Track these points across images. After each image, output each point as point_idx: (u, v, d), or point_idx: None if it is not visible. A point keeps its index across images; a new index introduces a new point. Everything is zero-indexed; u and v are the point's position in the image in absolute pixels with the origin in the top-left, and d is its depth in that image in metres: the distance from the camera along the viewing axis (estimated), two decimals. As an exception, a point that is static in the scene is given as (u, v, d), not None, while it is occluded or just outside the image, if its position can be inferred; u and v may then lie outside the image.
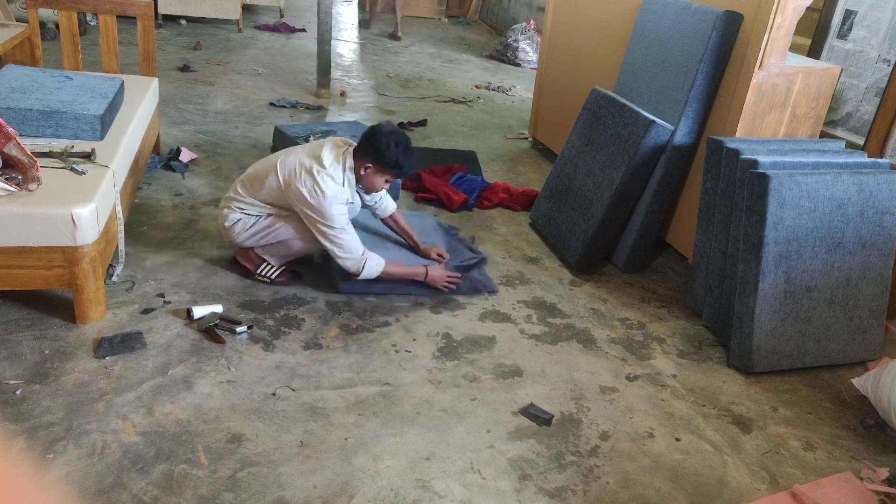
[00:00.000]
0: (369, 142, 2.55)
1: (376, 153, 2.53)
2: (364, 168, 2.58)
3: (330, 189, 2.50)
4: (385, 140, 2.52)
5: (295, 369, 2.30)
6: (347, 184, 2.59)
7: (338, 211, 2.52)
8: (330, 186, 2.50)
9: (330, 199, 2.50)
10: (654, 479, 2.04)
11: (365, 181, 2.62)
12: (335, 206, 2.51)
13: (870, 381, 2.41)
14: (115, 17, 3.63)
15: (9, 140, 2.29)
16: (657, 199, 3.11)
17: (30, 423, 1.94)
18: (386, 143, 2.51)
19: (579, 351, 2.61)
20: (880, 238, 2.63)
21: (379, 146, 2.52)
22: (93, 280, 2.33)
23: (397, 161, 2.54)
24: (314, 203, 2.50)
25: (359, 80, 6.25)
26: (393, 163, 2.54)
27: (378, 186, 2.64)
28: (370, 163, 2.56)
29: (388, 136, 2.53)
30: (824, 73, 2.99)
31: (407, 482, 1.90)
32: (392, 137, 2.53)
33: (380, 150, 2.52)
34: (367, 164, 2.57)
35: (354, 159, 2.59)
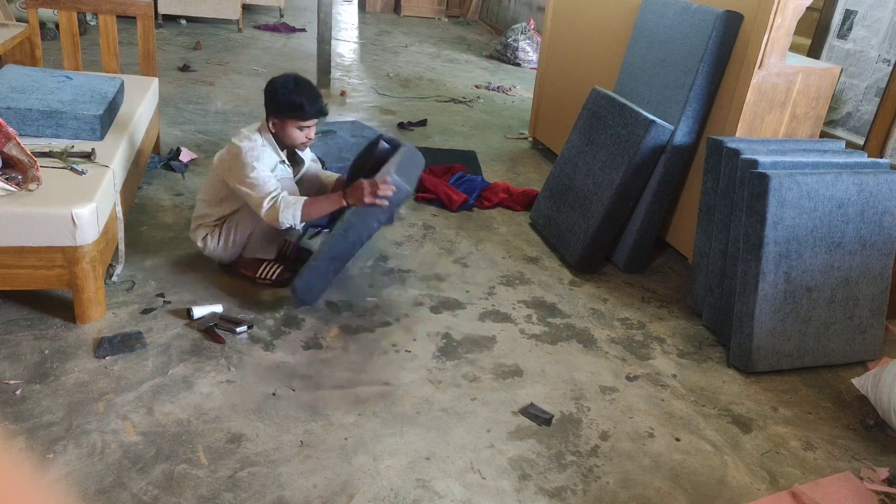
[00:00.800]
0: (265, 97, 2.57)
1: (272, 104, 2.55)
2: (272, 125, 2.59)
3: (244, 145, 2.51)
4: (272, 87, 2.53)
5: (295, 369, 2.30)
6: (267, 144, 2.58)
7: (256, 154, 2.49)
8: (244, 144, 2.52)
9: (245, 152, 2.49)
10: (654, 478, 2.04)
11: (285, 139, 2.61)
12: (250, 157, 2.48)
13: (870, 380, 2.41)
14: (115, 16, 3.63)
15: (9, 140, 2.29)
16: (657, 199, 3.11)
17: (30, 423, 1.94)
18: (272, 88, 2.53)
19: (579, 351, 2.61)
20: (880, 238, 2.63)
21: (270, 96, 2.54)
22: (93, 280, 2.33)
23: (291, 101, 2.50)
24: (232, 163, 2.52)
25: (359, 80, 6.25)
26: (288, 104, 2.51)
27: (297, 136, 2.59)
28: (273, 116, 2.57)
29: (274, 83, 2.54)
30: (824, 72, 2.99)
31: (407, 482, 1.90)
32: (279, 81, 2.54)
33: (272, 99, 2.53)
34: (272, 119, 2.58)
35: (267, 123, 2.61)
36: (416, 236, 3.35)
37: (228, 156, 2.57)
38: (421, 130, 4.99)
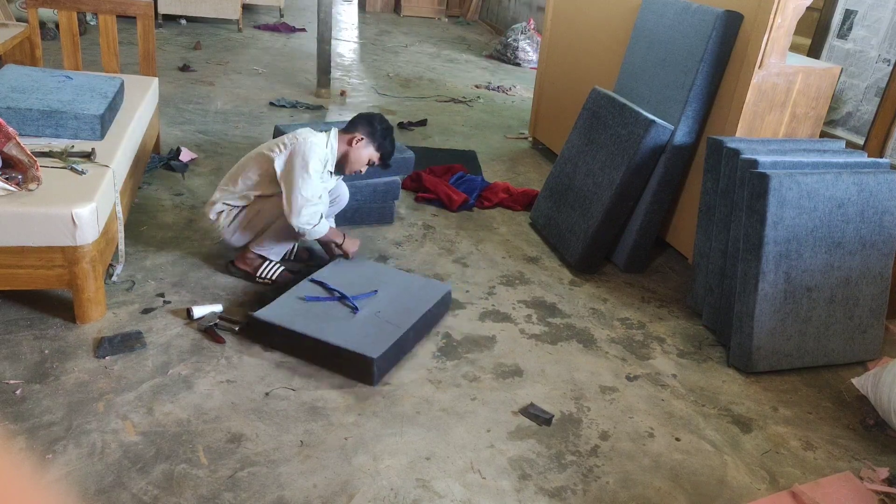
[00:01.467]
0: (364, 119, 2.75)
1: (370, 129, 2.70)
2: (356, 140, 2.69)
3: (311, 137, 2.61)
4: (380, 119, 2.76)
5: (295, 369, 2.30)
6: (331, 151, 2.67)
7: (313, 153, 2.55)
8: (311, 136, 2.61)
9: (309, 142, 2.57)
10: (654, 478, 2.04)
11: (351, 156, 2.70)
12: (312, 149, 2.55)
13: (870, 380, 2.41)
14: (115, 16, 3.63)
15: (9, 140, 2.29)
16: (657, 199, 3.11)
17: (30, 423, 1.94)
18: (380, 121, 2.74)
19: (579, 351, 2.61)
20: (880, 238, 2.63)
21: (373, 123, 2.71)
22: (93, 280, 2.33)
23: (387, 140, 2.73)
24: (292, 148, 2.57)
25: (359, 80, 6.25)
26: (383, 140, 2.72)
27: (362, 162, 2.72)
28: (363, 136, 2.69)
29: (382, 119, 2.76)
30: (824, 72, 2.99)
31: (407, 482, 1.90)
32: (385, 121, 2.77)
33: (374, 126, 2.71)
34: (360, 136, 2.69)
35: (343, 134, 2.71)
36: (416, 236, 3.35)
37: (286, 144, 2.60)
38: (421, 130, 4.99)
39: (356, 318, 2.44)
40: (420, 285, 2.69)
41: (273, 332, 2.36)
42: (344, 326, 2.37)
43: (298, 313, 2.41)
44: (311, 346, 2.30)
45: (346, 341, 2.26)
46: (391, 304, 2.53)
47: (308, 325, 2.33)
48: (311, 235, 2.64)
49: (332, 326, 2.35)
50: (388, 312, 2.48)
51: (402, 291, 2.63)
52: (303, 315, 2.41)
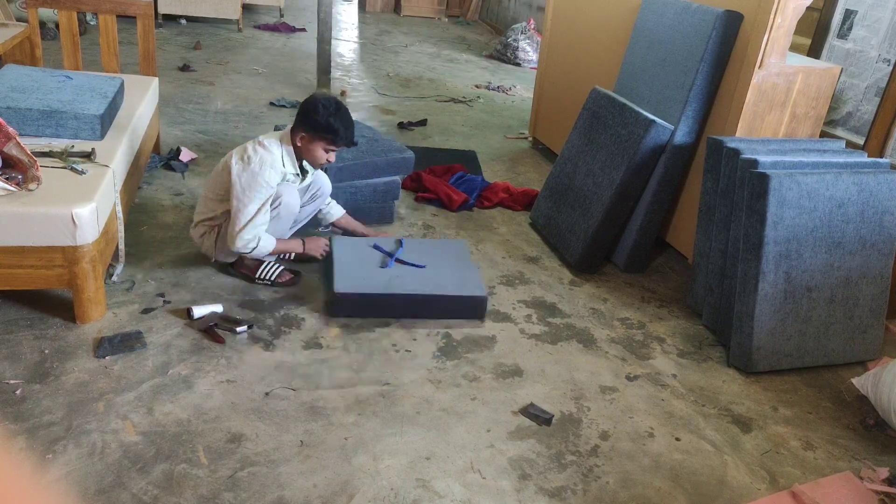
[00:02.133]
0: (300, 111, 2.58)
1: (307, 120, 2.55)
2: (299, 139, 2.60)
3: (260, 156, 2.53)
4: (314, 104, 2.54)
5: (295, 369, 2.30)
6: (286, 155, 2.61)
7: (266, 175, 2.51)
8: (260, 154, 2.53)
9: (260, 164, 2.51)
10: (654, 478, 2.04)
11: (306, 154, 2.63)
12: (264, 172, 2.51)
13: (870, 380, 2.41)
14: (115, 16, 3.63)
15: (9, 140, 2.29)
16: (657, 199, 3.11)
17: (30, 423, 1.94)
18: (313, 106, 2.53)
19: (579, 351, 2.61)
20: (880, 238, 2.63)
21: (308, 112, 2.55)
22: (93, 280, 2.33)
23: (329, 123, 2.52)
24: (241, 171, 2.53)
25: (359, 80, 6.25)
26: (324, 126, 2.53)
27: (319, 157, 2.62)
28: (303, 131, 2.58)
29: (316, 101, 2.55)
30: (824, 72, 2.99)
31: (407, 482, 1.90)
32: (321, 101, 2.55)
33: (309, 115, 2.54)
34: (301, 133, 2.59)
35: (291, 134, 2.62)
36: (417, 236, 3.35)
37: (236, 161, 2.56)
38: (421, 130, 4.99)
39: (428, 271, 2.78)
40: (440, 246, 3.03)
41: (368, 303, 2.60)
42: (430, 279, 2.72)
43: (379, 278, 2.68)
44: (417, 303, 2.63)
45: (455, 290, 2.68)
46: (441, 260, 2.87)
47: (406, 285, 2.66)
48: (257, 255, 2.62)
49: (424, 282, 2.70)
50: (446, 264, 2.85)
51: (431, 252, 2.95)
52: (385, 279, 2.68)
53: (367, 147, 3.39)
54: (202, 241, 2.73)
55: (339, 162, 3.17)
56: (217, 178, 2.68)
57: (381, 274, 2.72)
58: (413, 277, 2.72)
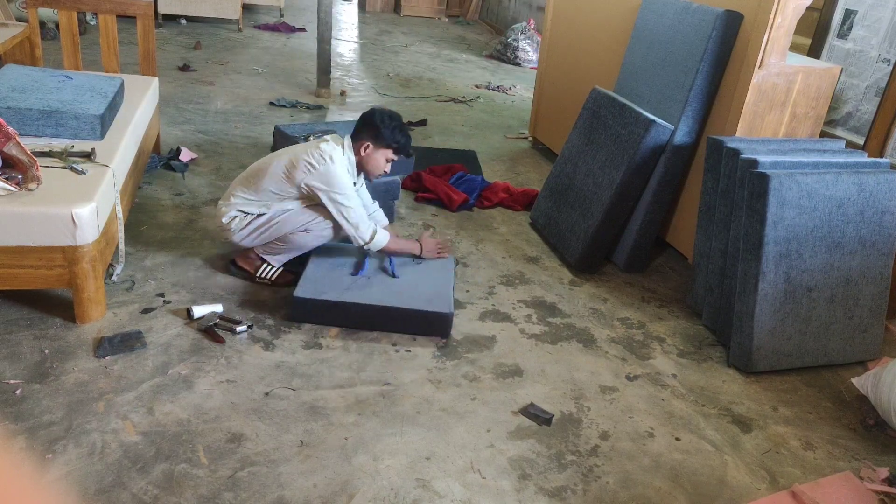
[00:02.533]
0: (365, 122, 2.67)
1: (373, 131, 2.64)
2: (364, 149, 2.66)
3: (335, 154, 2.59)
4: (380, 117, 2.65)
5: (295, 369, 2.30)
6: (349, 163, 2.66)
7: (346, 178, 2.60)
8: (334, 152, 2.60)
9: (338, 164, 2.58)
10: (654, 478, 2.04)
11: (367, 163, 2.69)
12: (339, 168, 2.58)
13: (870, 380, 2.41)
14: (115, 16, 3.63)
15: (9, 139, 2.29)
16: (657, 199, 3.11)
17: (30, 423, 1.94)
18: (381, 119, 2.64)
19: (579, 350, 2.61)
20: (880, 238, 2.63)
21: (375, 123, 2.64)
22: (93, 279, 2.33)
23: (395, 135, 2.65)
24: (323, 170, 2.57)
25: (359, 80, 6.25)
26: (391, 137, 2.64)
27: (380, 166, 2.71)
28: (369, 142, 2.65)
29: (382, 114, 2.67)
30: (824, 72, 2.99)
31: (407, 482, 1.90)
32: (386, 114, 2.67)
33: (377, 127, 2.63)
34: (366, 143, 2.65)
35: (354, 143, 2.69)
36: (416, 236, 3.34)
37: (313, 159, 2.57)
38: (421, 130, 4.99)
39: (400, 282, 2.69)
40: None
41: (326, 309, 2.51)
42: (398, 290, 2.62)
43: (343, 286, 2.60)
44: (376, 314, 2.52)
45: (418, 304, 2.53)
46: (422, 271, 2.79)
47: (368, 296, 2.56)
48: (373, 248, 2.68)
49: (389, 292, 2.59)
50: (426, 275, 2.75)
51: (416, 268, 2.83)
52: (348, 287, 2.59)
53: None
54: (229, 222, 2.67)
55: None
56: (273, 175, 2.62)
57: (347, 280, 2.63)
58: (381, 288, 2.62)
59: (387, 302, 2.53)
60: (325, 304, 2.51)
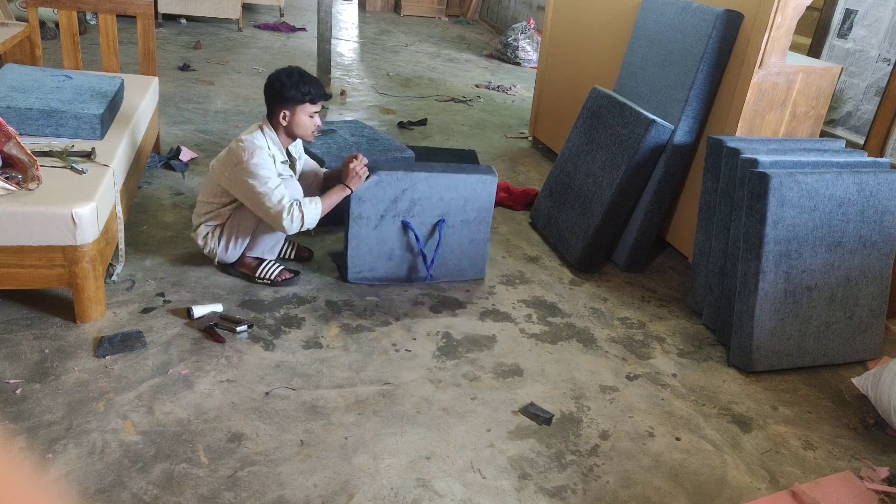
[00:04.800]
0: (269, 93, 2.59)
1: (279, 97, 2.56)
2: (283, 117, 2.59)
3: (248, 148, 2.52)
4: (277, 79, 2.56)
5: (295, 368, 2.30)
6: (272, 144, 2.60)
7: (260, 161, 2.50)
8: (247, 148, 2.52)
9: (248, 153, 2.50)
10: (655, 478, 2.04)
11: (295, 129, 2.62)
12: (255, 158, 2.50)
13: (870, 380, 2.41)
14: (115, 16, 3.63)
15: (9, 139, 2.29)
16: (657, 199, 3.11)
17: (30, 423, 1.94)
18: (279, 82, 2.55)
19: (579, 350, 2.61)
20: (880, 237, 2.63)
21: (276, 88, 2.56)
22: (93, 279, 2.33)
23: (299, 89, 2.55)
24: (237, 168, 2.52)
25: (359, 80, 6.25)
26: (297, 92, 2.54)
27: (307, 124, 2.62)
28: (283, 108, 2.58)
29: (278, 76, 2.57)
30: (824, 72, 2.99)
31: (407, 481, 1.90)
32: (283, 73, 2.57)
33: (280, 92, 2.55)
34: (282, 111, 2.58)
35: (270, 120, 2.62)
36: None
37: (228, 164, 2.55)
38: (421, 130, 4.99)
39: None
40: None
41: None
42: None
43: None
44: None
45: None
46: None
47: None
48: (311, 225, 2.57)
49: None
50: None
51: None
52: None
53: (367, 147, 3.39)
54: (205, 242, 2.72)
55: (340, 161, 3.17)
56: (211, 184, 2.68)
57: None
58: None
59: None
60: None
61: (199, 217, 2.73)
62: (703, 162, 2.86)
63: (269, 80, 2.59)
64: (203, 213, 2.72)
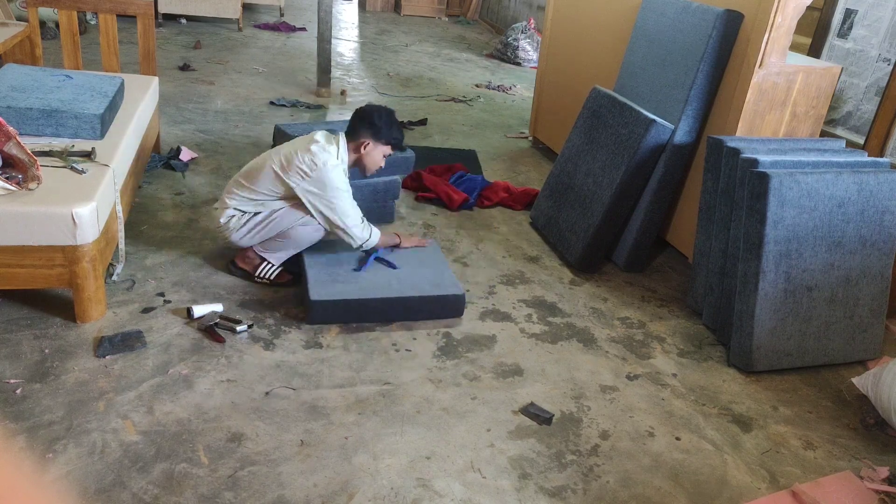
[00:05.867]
0: (362, 119, 2.69)
1: (371, 127, 2.66)
2: (363, 146, 2.68)
3: (329, 159, 2.58)
4: (378, 114, 2.69)
5: (295, 368, 2.30)
6: (342, 162, 2.66)
7: (338, 176, 2.59)
8: (328, 157, 2.58)
9: (329, 167, 2.57)
10: (655, 478, 2.04)
11: (366, 160, 2.71)
12: (335, 173, 2.58)
13: (870, 379, 2.41)
14: (115, 15, 3.63)
15: (9, 139, 2.29)
16: (657, 199, 3.11)
17: (30, 422, 1.94)
18: (378, 115, 2.68)
19: (579, 350, 2.61)
20: (880, 237, 2.63)
21: (373, 121, 2.66)
22: (93, 279, 2.33)
23: (392, 132, 2.70)
24: (314, 175, 2.56)
25: (359, 80, 6.25)
26: (389, 134, 2.69)
27: (378, 162, 2.75)
28: (367, 139, 2.67)
29: (379, 111, 2.71)
30: (825, 72, 2.99)
31: (407, 481, 1.90)
32: (384, 111, 2.72)
33: (375, 124, 2.66)
34: (365, 141, 2.67)
35: (348, 141, 2.69)
36: (417, 235, 3.35)
37: (304, 164, 2.56)
38: (421, 129, 4.99)
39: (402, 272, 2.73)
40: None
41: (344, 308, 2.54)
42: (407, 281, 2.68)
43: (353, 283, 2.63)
44: (393, 305, 2.58)
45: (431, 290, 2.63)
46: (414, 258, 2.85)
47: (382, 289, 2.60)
48: (370, 245, 2.71)
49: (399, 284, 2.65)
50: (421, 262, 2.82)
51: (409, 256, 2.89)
52: (359, 284, 2.63)
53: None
54: (227, 222, 2.68)
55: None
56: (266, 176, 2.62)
57: (353, 277, 2.66)
58: (387, 280, 2.67)
59: (402, 293, 2.60)
60: (342, 304, 2.53)
61: (234, 198, 2.68)
62: (703, 162, 2.86)
63: (369, 109, 2.71)
64: (242, 196, 2.67)
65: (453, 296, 2.65)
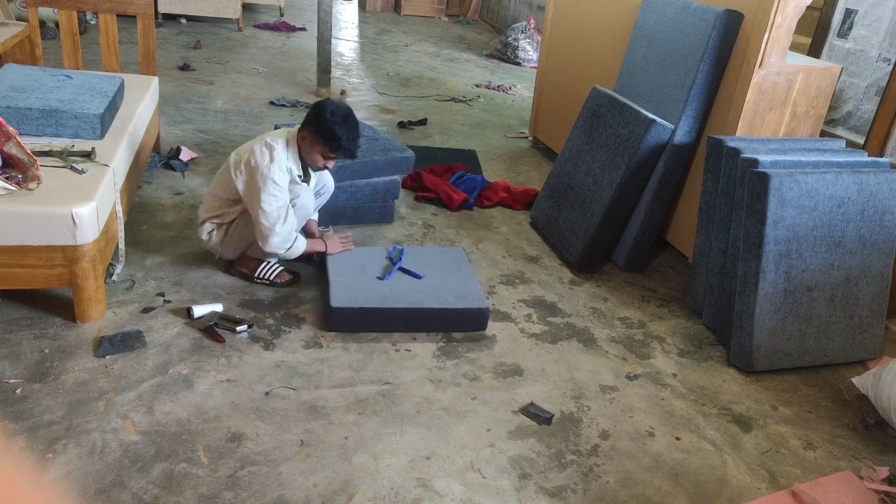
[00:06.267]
0: (310, 111, 2.57)
1: (313, 123, 2.54)
2: (302, 138, 2.58)
3: (267, 158, 2.51)
4: (322, 108, 2.52)
5: (295, 368, 2.30)
6: (291, 159, 2.59)
7: (271, 175, 2.50)
8: (267, 155, 2.51)
9: (263, 165, 2.50)
10: (655, 478, 2.04)
11: (305, 155, 2.62)
12: (269, 171, 2.49)
13: (870, 379, 2.41)
14: (115, 15, 3.63)
15: (9, 139, 2.29)
16: (657, 198, 3.11)
17: (30, 422, 1.94)
18: (323, 111, 2.51)
19: (579, 350, 2.61)
20: (880, 237, 2.63)
21: (316, 115, 2.52)
22: (93, 279, 2.33)
23: (332, 131, 2.49)
24: (249, 173, 2.52)
25: (359, 79, 6.25)
26: (328, 132, 2.50)
27: (317, 160, 2.61)
28: (307, 132, 2.56)
29: (326, 106, 2.53)
30: (825, 72, 2.99)
31: (407, 481, 1.90)
32: (331, 107, 2.53)
33: (317, 120, 2.52)
34: (305, 133, 2.57)
35: (298, 133, 2.61)
36: (417, 235, 3.35)
37: (246, 168, 2.54)
38: (421, 129, 4.99)
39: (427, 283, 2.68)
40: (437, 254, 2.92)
41: (365, 316, 2.51)
42: (429, 290, 2.63)
43: (376, 291, 2.60)
44: (415, 315, 2.54)
45: (455, 302, 2.58)
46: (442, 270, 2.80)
47: (405, 299, 2.57)
48: (288, 257, 2.64)
49: (422, 294, 2.61)
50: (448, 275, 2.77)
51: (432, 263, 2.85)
52: (382, 292, 2.59)
53: (367, 146, 3.39)
54: (209, 238, 2.72)
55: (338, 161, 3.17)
56: (225, 177, 2.66)
57: (377, 285, 2.63)
58: (412, 289, 2.62)
59: (425, 304, 2.55)
60: (364, 312, 2.50)
61: (206, 212, 2.71)
62: (703, 162, 2.86)
63: (319, 102, 2.57)
64: (210, 207, 2.70)
65: (477, 309, 2.58)
